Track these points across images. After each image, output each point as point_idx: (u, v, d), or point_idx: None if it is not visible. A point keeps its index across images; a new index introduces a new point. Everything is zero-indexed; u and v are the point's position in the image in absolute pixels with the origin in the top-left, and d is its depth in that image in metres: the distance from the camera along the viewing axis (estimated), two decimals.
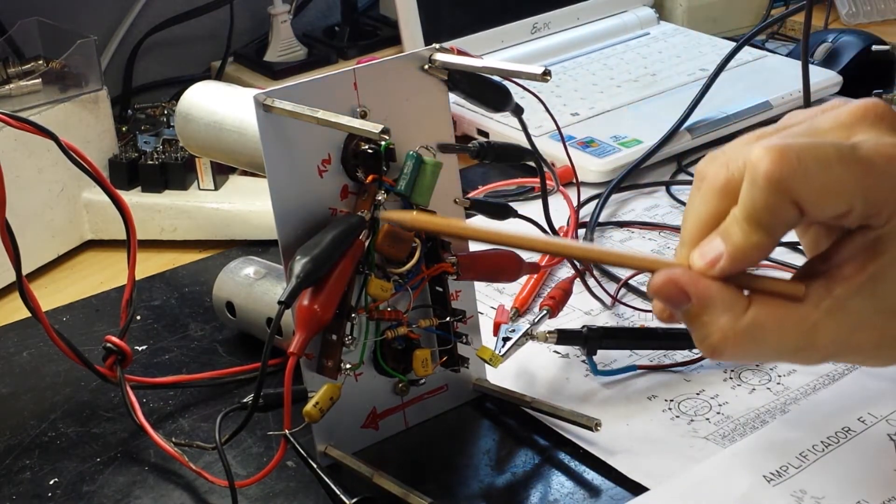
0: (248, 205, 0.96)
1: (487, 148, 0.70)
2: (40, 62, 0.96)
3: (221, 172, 0.98)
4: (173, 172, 0.97)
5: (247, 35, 1.28)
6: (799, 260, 0.86)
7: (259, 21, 1.28)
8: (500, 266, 0.73)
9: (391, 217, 0.63)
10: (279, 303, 0.60)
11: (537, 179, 0.78)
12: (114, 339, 0.74)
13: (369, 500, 0.62)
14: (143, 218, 0.94)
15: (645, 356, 0.77)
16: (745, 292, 0.54)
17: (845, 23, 1.37)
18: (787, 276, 0.56)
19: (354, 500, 0.61)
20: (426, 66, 0.69)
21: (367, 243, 0.65)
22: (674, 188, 1.01)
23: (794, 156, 0.51)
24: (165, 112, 1.04)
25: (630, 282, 0.86)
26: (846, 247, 0.54)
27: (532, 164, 0.75)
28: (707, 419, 0.71)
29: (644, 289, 0.85)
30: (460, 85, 0.69)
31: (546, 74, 0.65)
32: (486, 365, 0.73)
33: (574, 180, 0.88)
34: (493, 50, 1.21)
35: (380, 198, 0.65)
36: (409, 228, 0.64)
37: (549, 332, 0.75)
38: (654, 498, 0.65)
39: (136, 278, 0.76)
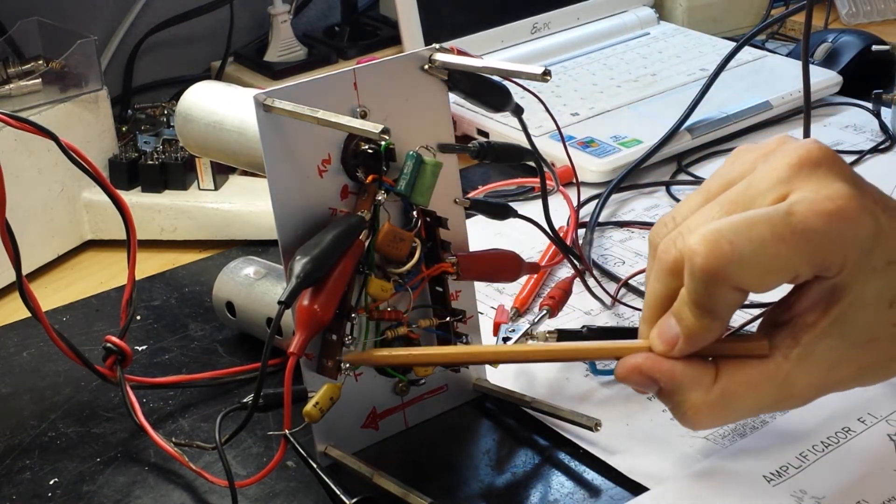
0: (248, 205, 0.96)
1: (487, 148, 0.70)
2: (40, 62, 0.96)
3: (221, 172, 0.98)
4: (173, 172, 0.97)
5: (247, 35, 1.28)
6: None
7: (259, 21, 1.28)
8: (500, 266, 0.73)
9: (351, 360, 0.65)
10: (279, 303, 0.60)
11: (537, 179, 0.78)
12: (114, 339, 0.74)
13: (369, 500, 0.62)
14: (143, 218, 0.94)
15: None
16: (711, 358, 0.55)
17: (845, 23, 1.37)
18: None
19: (354, 500, 0.61)
20: (426, 66, 0.69)
21: (367, 243, 0.65)
22: (674, 188, 1.01)
23: (726, 245, 0.51)
24: (165, 112, 1.04)
25: (630, 282, 0.86)
26: (805, 295, 0.54)
27: (532, 164, 0.74)
28: None
29: (644, 289, 0.85)
30: (460, 85, 0.69)
31: (546, 74, 0.65)
32: (486, 365, 0.73)
33: (574, 180, 0.88)
34: (493, 50, 1.21)
35: (380, 198, 0.65)
36: (372, 365, 0.67)
37: (549, 332, 0.75)
38: (654, 498, 0.65)
39: (136, 278, 0.76)
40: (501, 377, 0.74)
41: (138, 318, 0.86)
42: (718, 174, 0.57)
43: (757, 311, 0.79)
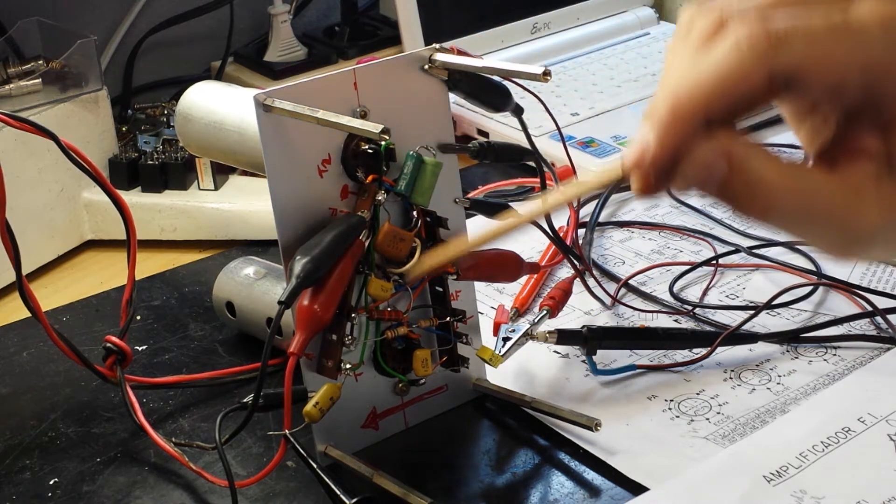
0: (248, 205, 0.96)
1: (487, 148, 0.70)
2: (40, 62, 0.96)
3: (221, 172, 0.98)
4: (173, 172, 0.97)
5: (247, 35, 1.28)
6: (798, 260, 0.86)
7: (259, 21, 1.27)
8: (500, 266, 0.73)
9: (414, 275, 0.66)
10: (279, 303, 0.60)
11: (537, 179, 0.78)
12: (114, 339, 0.74)
13: (369, 500, 0.62)
14: (143, 218, 0.94)
15: (645, 356, 0.77)
16: None
17: None
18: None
19: (354, 500, 0.61)
20: (426, 66, 0.69)
21: (367, 243, 0.65)
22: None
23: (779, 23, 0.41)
24: (165, 112, 1.04)
25: (630, 282, 0.86)
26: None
27: (532, 164, 0.75)
28: (707, 419, 0.71)
29: (644, 289, 0.85)
30: (460, 85, 0.69)
31: (546, 74, 0.65)
32: (486, 365, 0.73)
33: (574, 180, 0.88)
34: (493, 50, 1.21)
35: (380, 198, 0.65)
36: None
37: (549, 332, 0.75)
38: (654, 498, 0.65)
39: (136, 278, 0.76)
40: (501, 377, 0.74)
41: (138, 318, 0.86)
42: None
43: (752, 312, 0.79)
